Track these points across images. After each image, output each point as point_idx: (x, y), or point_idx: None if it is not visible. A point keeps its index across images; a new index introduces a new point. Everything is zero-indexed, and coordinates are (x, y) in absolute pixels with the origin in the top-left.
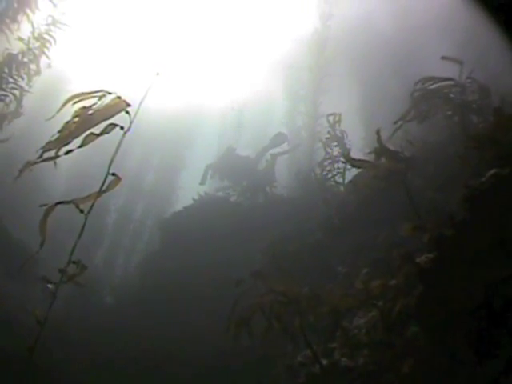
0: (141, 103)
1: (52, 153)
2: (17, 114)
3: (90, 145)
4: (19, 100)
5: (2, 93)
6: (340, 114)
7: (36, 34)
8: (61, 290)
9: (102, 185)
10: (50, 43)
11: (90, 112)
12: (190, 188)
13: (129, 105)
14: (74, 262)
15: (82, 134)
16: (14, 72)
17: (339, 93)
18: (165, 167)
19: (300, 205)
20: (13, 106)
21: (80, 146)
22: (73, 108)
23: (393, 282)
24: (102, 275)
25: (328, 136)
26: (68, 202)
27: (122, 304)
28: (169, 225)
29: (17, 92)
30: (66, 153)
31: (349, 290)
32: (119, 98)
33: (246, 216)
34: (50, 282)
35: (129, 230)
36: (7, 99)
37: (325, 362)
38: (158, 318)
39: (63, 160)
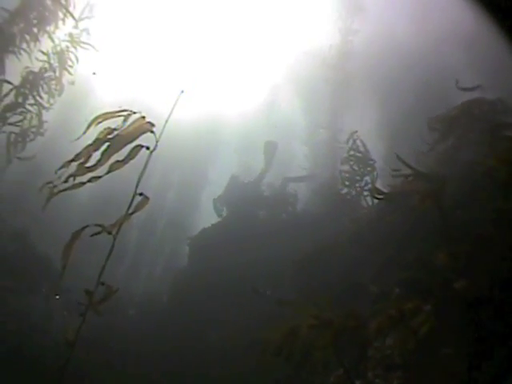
0: (166, 122)
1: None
2: (39, 131)
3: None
4: (40, 119)
5: (24, 110)
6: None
7: (57, 50)
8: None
9: (130, 205)
10: (72, 61)
11: (113, 135)
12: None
13: (153, 125)
14: (102, 284)
15: (107, 160)
16: (35, 90)
17: (360, 108)
18: (187, 182)
19: (325, 221)
20: (35, 122)
21: (107, 173)
22: (96, 126)
23: (428, 307)
24: (124, 291)
25: (350, 155)
26: (98, 233)
27: (146, 318)
28: (197, 241)
29: (39, 109)
30: (90, 180)
31: (381, 310)
32: (143, 118)
33: (272, 232)
34: (81, 304)
35: (151, 246)
36: (28, 116)
37: (358, 383)
38: (185, 334)
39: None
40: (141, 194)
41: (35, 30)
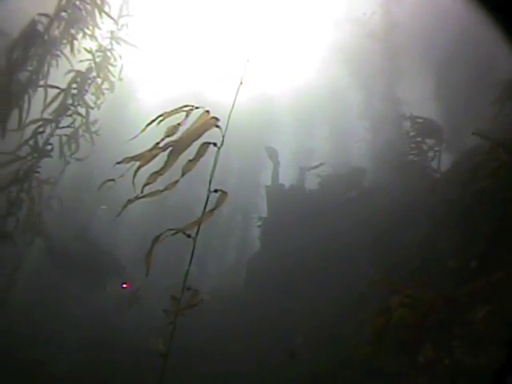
0: (229, 117)
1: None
2: (91, 131)
3: None
4: (87, 120)
5: (74, 111)
6: None
7: (101, 49)
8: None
9: (206, 203)
10: (115, 58)
11: (179, 134)
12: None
13: (218, 120)
14: (188, 289)
15: (175, 160)
16: (84, 89)
17: (412, 78)
18: (245, 166)
19: (394, 195)
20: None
21: (182, 176)
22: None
23: None
24: (197, 285)
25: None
26: (176, 232)
27: (228, 312)
28: (269, 223)
29: (87, 109)
30: (167, 187)
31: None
32: (208, 112)
33: (342, 209)
34: (167, 311)
35: (217, 235)
36: (79, 117)
37: (447, 361)
38: (269, 320)
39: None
40: (216, 191)
41: (73, 31)
